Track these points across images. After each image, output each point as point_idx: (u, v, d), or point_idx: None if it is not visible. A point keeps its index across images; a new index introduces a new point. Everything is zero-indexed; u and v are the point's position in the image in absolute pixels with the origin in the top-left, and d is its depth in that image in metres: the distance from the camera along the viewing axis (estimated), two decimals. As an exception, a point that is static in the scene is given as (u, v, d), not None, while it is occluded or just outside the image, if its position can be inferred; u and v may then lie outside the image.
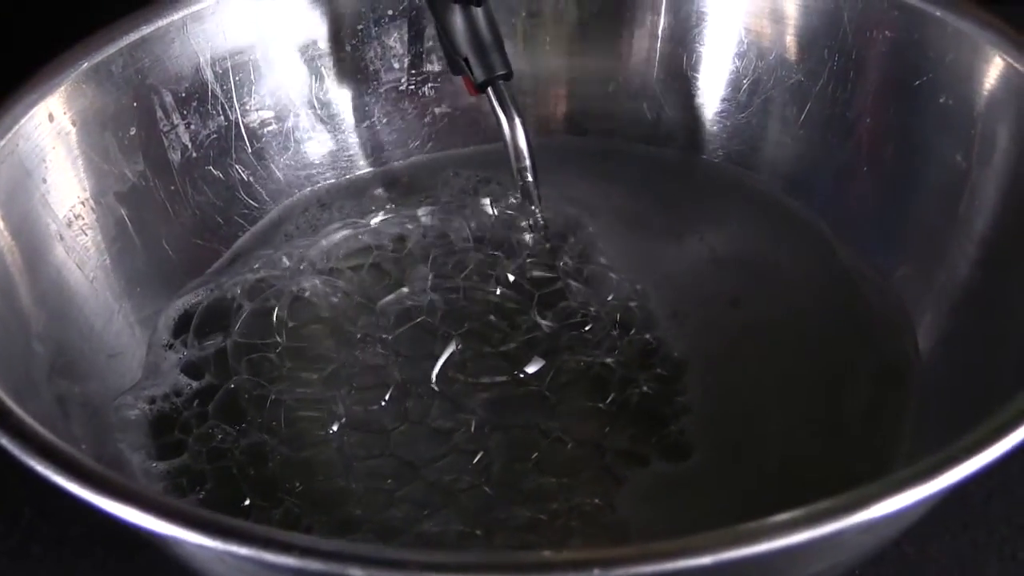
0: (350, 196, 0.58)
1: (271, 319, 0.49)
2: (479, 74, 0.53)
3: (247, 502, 0.44)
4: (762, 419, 0.47)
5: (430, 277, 0.51)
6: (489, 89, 0.54)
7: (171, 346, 0.50)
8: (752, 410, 0.47)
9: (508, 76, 0.54)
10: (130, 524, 0.32)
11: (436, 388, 0.47)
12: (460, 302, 0.50)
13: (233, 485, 0.45)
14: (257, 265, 0.52)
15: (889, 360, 0.49)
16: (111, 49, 0.51)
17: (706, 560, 0.30)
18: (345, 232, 0.54)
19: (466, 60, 0.54)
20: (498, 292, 0.51)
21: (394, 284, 0.52)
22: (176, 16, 0.53)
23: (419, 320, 0.49)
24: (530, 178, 0.54)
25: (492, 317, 0.50)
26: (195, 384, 0.48)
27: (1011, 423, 0.34)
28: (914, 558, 0.45)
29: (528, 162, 0.54)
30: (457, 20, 0.53)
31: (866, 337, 0.50)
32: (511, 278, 0.51)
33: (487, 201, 0.55)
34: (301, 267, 0.52)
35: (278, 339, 0.49)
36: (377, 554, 0.31)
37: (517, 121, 0.54)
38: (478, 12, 0.53)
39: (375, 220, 0.55)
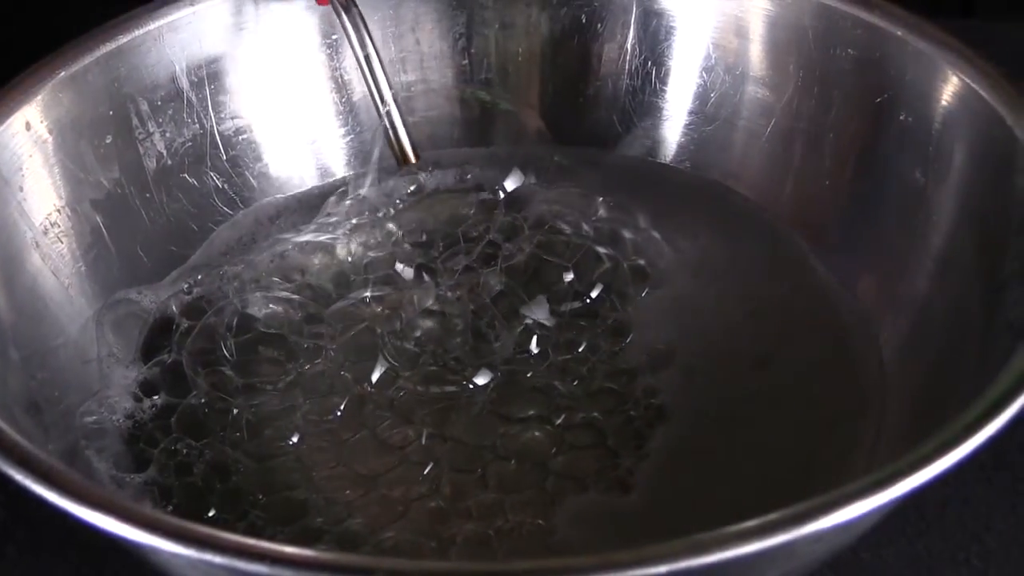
0: (314, 205, 0.58)
1: (216, 334, 0.49)
2: None
3: (212, 513, 0.44)
4: (724, 478, 0.46)
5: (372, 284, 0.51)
6: (344, 16, 0.52)
7: (122, 361, 0.50)
8: (715, 462, 0.46)
9: None
10: (108, 533, 0.33)
11: (383, 396, 0.47)
12: (405, 308, 0.50)
13: (199, 497, 0.45)
14: (194, 279, 0.52)
15: (858, 394, 0.48)
16: (88, 58, 0.52)
17: (662, 569, 0.31)
18: (285, 244, 0.54)
19: None
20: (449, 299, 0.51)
21: (337, 292, 0.52)
22: (152, 26, 0.54)
23: (363, 327, 0.49)
24: (398, 123, 0.53)
25: (438, 327, 0.50)
26: (155, 400, 0.48)
27: (957, 438, 0.35)
28: (869, 563, 0.45)
29: (393, 106, 0.52)
30: None
31: (841, 371, 0.49)
32: (481, 284, 0.51)
33: (463, 204, 0.56)
34: (236, 283, 0.51)
35: (226, 354, 0.49)
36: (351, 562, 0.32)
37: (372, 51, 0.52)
38: None
39: (318, 229, 0.55)
